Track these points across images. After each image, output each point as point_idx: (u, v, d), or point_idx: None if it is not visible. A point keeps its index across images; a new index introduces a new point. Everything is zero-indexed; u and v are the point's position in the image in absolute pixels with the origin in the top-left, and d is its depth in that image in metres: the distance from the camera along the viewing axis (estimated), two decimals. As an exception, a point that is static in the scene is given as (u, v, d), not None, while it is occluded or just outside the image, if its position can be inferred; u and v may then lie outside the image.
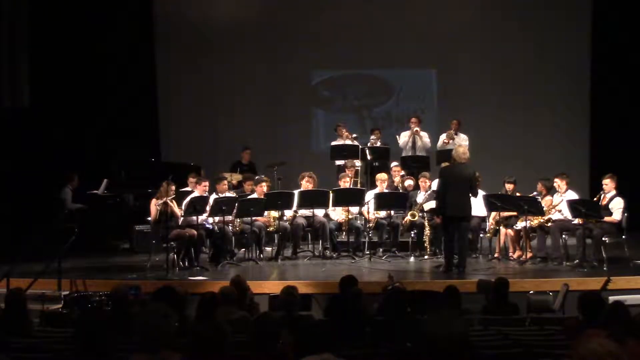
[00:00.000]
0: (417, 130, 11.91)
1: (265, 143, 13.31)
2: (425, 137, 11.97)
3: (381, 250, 10.43)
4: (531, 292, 7.58)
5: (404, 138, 12.01)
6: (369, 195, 10.41)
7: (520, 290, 7.71)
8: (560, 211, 9.64)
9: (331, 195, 10.19)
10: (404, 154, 11.88)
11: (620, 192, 9.41)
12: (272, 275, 9.32)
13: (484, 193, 10.04)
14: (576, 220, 9.41)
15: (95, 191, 11.50)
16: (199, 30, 13.84)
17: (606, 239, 9.29)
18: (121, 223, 11.41)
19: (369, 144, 11.83)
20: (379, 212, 10.49)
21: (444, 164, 10.50)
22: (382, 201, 10.35)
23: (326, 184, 10.85)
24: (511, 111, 13.60)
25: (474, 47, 13.68)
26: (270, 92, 13.93)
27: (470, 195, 9.14)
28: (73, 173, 11.63)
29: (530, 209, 9.37)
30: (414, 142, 11.92)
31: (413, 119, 12.10)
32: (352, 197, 10.41)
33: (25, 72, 12.78)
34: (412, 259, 10.13)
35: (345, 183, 10.70)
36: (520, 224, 9.68)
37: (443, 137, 11.87)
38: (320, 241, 10.38)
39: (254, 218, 9.99)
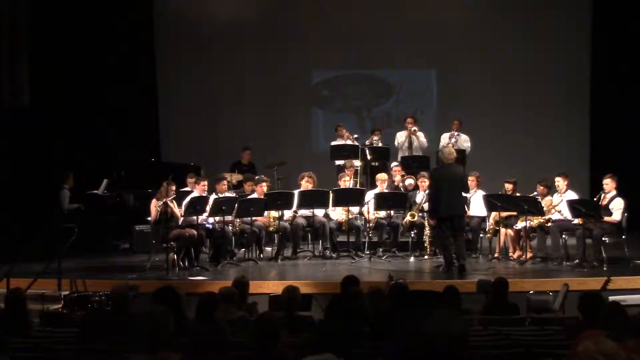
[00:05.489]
0: (414, 130, 11.92)
1: (265, 143, 13.30)
2: (421, 137, 11.99)
3: (381, 250, 10.43)
4: (531, 292, 7.57)
5: (400, 138, 12.04)
6: (369, 195, 10.42)
7: (520, 290, 7.70)
8: (560, 211, 9.64)
9: (331, 195, 10.19)
10: (400, 154, 11.90)
11: (620, 192, 9.41)
12: (272, 275, 9.32)
13: (484, 193, 10.06)
14: (576, 220, 9.40)
15: (95, 191, 11.50)
16: (199, 30, 13.84)
17: (606, 239, 9.29)
18: (121, 223, 11.40)
19: (367, 142, 11.84)
20: (379, 212, 10.49)
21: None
22: (382, 201, 10.35)
23: (326, 184, 10.85)
24: (511, 111, 13.60)
25: (474, 47, 13.67)
26: (270, 92, 13.93)
27: (462, 193, 9.25)
28: (68, 172, 11.61)
29: (530, 209, 9.37)
30: (410, 142, 11.94)
31: (409, 120, 12.14)
32: (352, 197, 10.41)
33: (25, 72, 12.78)
34: (412, 259, 10.13)
35: (345, 183, 10.70)
36: (520, 224, 9.68)
37: (445, 138, 11.87)
38: (320, 241, 10.39)
39: (254, 218, 9.99)
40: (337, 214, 10.51)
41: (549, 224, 9.55)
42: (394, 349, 3.87)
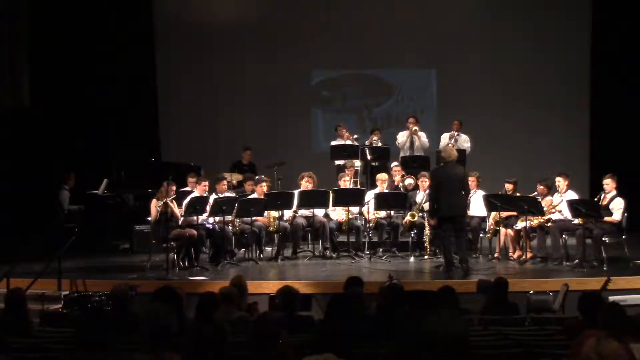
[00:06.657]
0: (415, 130, 11.92)
1: (265, 143, 13.30)
2: (423, 137, 11.97)
3: (381, 250, 10.43)
4: (531, 292, 7.58)
5: (401, 138, 12.03)
6: (369, 195, 10.42)
7: (520, 290, 7.71)
8: (560, 211, 9.64)
9: (331, 195, 10.20)
10: (401, 154, 11.90)
11: (620, 192, 9.41)
12: (272, 275, 9.32)
13: (484, 193, 10.06)
14: (576, 220, 9.40)
15: (95, 191, 11.51)
16: (199, 30, 13.84)
17: (606, 239, 9.29)
18: (121, 223, 11.40)
19: (367, 142, 11.84)
20: (379, 212, 10.49)
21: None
22: (382, 201, 10.35)
23: (326, 184, 10.85)
24: (511, 111, 13.60)
25: (473, 47, 13.68)
26: (270, 92, 13.93)
27: (462, 193, 9.19)
28: (69, 172, 11.62)
29: (530, 209, 9.37)
30: (411, 142, 11.94)
31: (411, 119, 12.12)
32: (352, 197, 10.41)
33: (25, 72, 12.78)
34: (412, 259, 10.13)
35: (345, 183, 10.70)
36: (520, 224, 9.68)
37: (445, 138, 11.87)
38: (320, 241, 10.39)
39: (254, 218, 9.99)
40: (337, 214, 10.51)
41: (549, 224, 9.55)
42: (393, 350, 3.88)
